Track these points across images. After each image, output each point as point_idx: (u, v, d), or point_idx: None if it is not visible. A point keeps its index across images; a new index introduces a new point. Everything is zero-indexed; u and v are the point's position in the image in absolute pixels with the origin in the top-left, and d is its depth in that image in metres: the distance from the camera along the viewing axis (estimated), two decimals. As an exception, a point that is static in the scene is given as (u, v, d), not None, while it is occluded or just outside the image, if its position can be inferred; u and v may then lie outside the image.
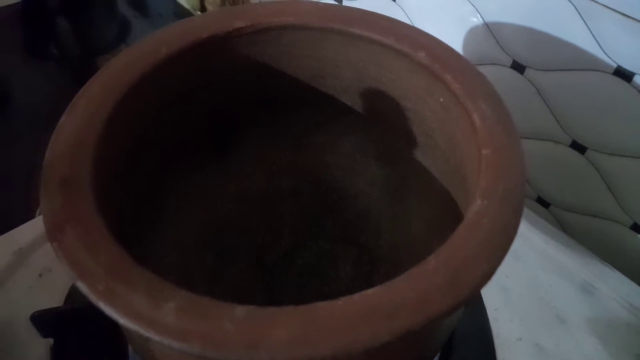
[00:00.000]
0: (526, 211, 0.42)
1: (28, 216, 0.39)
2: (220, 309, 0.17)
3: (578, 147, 0.42)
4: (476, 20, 0.43)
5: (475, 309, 0.35)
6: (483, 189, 0.20)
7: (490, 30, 0.43)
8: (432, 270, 0.18)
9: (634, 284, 0.37)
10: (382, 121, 0.31)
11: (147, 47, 0.26)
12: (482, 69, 0.43)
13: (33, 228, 0.38)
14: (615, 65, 0.36)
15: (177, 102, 0.28)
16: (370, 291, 0.17)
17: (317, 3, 0.29)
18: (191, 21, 0.28)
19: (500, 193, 0.20)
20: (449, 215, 0.28)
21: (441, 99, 0.26)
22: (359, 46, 0.28)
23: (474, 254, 0.18)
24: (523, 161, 0.21)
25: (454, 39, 0.46)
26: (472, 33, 0.44)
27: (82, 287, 0.17)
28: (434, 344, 0.24)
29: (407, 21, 0.49)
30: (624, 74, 0.36)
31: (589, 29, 0.36)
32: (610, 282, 0.37)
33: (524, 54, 0.42)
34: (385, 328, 0.16)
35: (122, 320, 0.17)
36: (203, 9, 0.70)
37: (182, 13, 0.72)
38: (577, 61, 0.38)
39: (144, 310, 0.17)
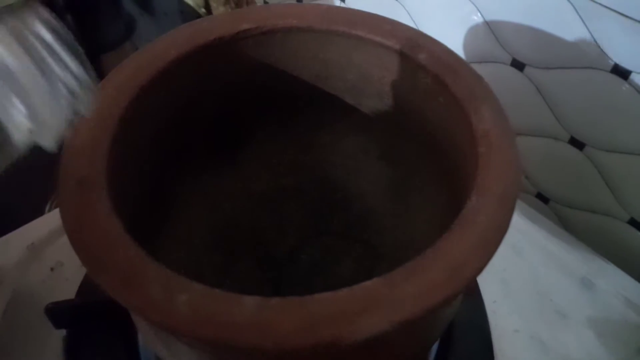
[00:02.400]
0: (526, 207, 0.43)
1: (39, 213, 0.40)
2: (230, 301, 0.18)
3: (577, 143, 0.42)
4: (477, 19, 0.44)
5: (473, 301, 0.35)
6: (479, 187, 0.21)
7: (491, 28, 0.43)
8: (430, 263, 0.19)
9: (632, 280, 0.38)
10: (385, 121, 0.32)
11: (157, 49, 0.27)
12: (482, 67, 0.43)
13: (45, 224, 0.39)
14: (612, 63, 0.37)
15: (187, 103, 0.29)
16: (369, 283, 0.18)
17: (321, 5, 0.30)
18: (199, 24, 0.29)
19: (495, 191, 0.21)
20: (450, 213, 0.28)
21: (441, 100, 0.27)
22: (362, 48, 0.29)
23: (470, 249, 0.19)
24: (519, 160, 0.22)
25: (455, 38, 0.46)
26: (473, 31, 0.45)
27: (100, 281, 0.18)
28: (431, 334, 0.25)
29: (409, 20, 0.50)
30: (621, 72, 0.36)
31: (587, 27, 0.37)
32: (609, 278, 0.38)
33: (523, 52, 0.42)
34: (384, 318, 0.17)
35: (137, 312, 0.18)
36: (207, 6, 0.71)
37: (187, 11, 0.72)
38: (575, 59, 0.39)
39: (158, 302, 0.18)
